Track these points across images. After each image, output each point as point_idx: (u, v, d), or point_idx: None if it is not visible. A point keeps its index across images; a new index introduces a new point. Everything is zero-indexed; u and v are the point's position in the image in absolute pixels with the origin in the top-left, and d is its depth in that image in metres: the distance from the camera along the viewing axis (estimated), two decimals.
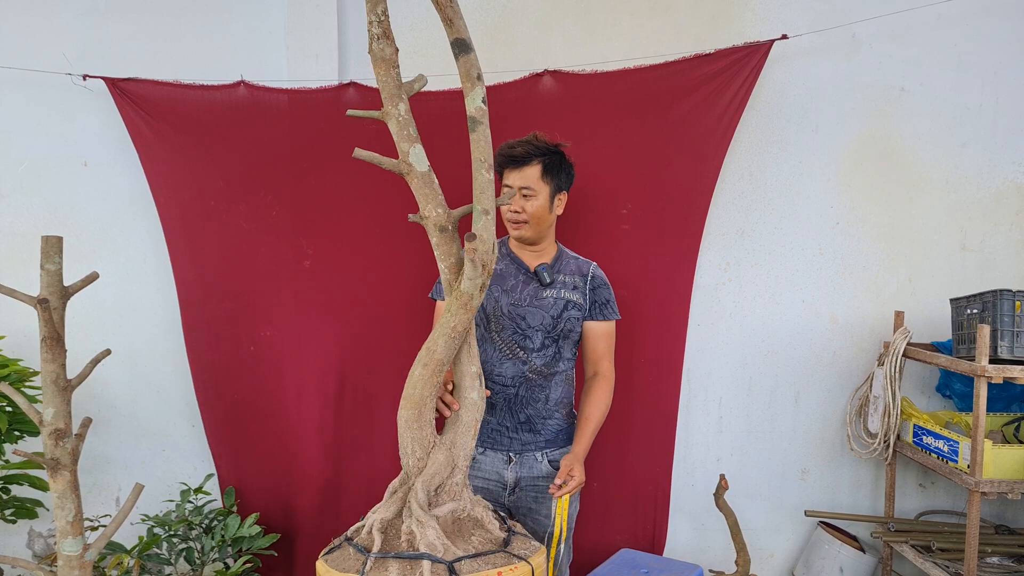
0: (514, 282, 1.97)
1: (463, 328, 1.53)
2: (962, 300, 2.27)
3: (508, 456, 1.94)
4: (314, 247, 2.51)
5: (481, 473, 1.94)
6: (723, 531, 2.53)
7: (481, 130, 1.53)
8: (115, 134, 2.53)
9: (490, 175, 1.56)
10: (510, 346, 1.93)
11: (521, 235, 1.95)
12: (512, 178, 1.92)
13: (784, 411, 2.64)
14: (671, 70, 2.40)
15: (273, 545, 2.43)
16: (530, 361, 1.93)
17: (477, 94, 1.53)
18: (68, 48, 2.51)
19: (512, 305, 1.94)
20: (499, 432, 1.95)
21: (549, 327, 1.94)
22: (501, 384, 1.93)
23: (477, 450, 1.95)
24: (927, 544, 2.33)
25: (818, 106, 2.53)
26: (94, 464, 2.66)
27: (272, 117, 2.46)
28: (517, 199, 1.92)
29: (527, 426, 1.95)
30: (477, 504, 1.58)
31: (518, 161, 1.90)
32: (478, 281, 1.48)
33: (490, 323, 1.94)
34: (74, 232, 2.58)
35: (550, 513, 1.95)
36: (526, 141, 1.93)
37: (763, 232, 2.58)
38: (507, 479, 1.94)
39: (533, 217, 1.92)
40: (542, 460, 1.96)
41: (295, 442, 2.56)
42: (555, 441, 1.98)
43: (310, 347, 2.53)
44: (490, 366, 1.94)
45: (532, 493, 1.95)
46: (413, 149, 1.54)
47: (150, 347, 2.65)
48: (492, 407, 1.94)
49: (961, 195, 2.55)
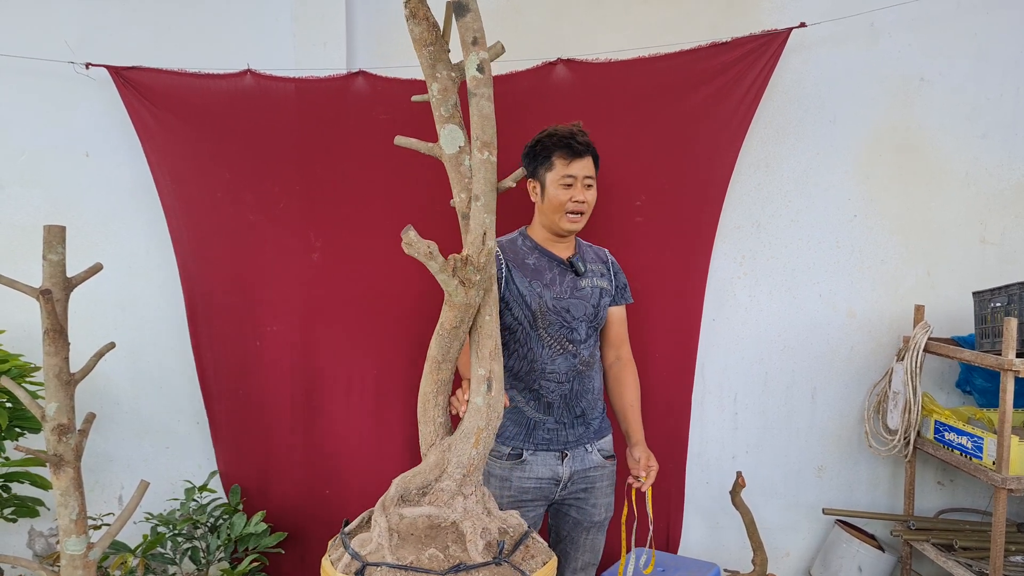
0: (551, 276, 1.91)
1: (451, 326, 1.40)
2: (986, 293, 2.22)
3: (562, 453, 1.90)
4: (322, 239, 2.46)
5: (532, 473, 1.88)
6: (738, 529, 2.48)
7: (477, 103, 1.38)
8: (118, 124, 2.47)
9: (488, 156, 1.42)
10: (559, 341, 1.88)
11: (577, 228, 1.90)
12: (576, 167, 1.85)
13: (800, 407, 2.59)
14: (686, 59, 2.35)
15: (281, 543, 2.38)
16: (579, 353, 1.89)
17: (472, 61, 1.37)
18: (70, 36, 2.46)
19: (555, 299, 1.88)
20: (555, 431, 1.89)
21: (591, 317, 1.91)
22: (556, 381, 1.88)
23: (528, 452, 1.89)
24: (949, 543, 2.28)
25: (836, 96, 2.48)
26: (96, 462, 2.61)
27: (279, 107, 2.41)
28: (580, 189, 1.86)
29: (581, 420, 1.92)
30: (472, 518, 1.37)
31: (583, 150, 1.85)
32: (446, 279, 1.33)
33: (537, 320, 1.87)
34: (75, 224, 2.52)
35: (597, 501, 1.94)
36: (581, 130, 1.88)
37: (779, 225, 2.54)
38: (561, 475, 1.89)
39: (590, 209, 1.90)
40: (592, 451, 1.93)
41: (302, 439, 2.51)
42: (600, 431, 1.97)
43: (318, 342, 2.48)
44: (542, 364, 1.87)
45: (582, 484, 1.92)
46: (443, 130, 1.46)
47: (153, 342, 2.59)
48: (549, 407, 1.88)
49: (981, 187, 2.51)
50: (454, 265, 1.31)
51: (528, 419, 1.89)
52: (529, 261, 1.92)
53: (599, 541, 1.99)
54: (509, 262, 1.90)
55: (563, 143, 1.85)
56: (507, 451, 1.89)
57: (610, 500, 1.98)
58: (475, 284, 1.35)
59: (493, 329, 1.44)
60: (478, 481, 1.43)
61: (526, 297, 1.86)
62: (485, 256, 1.35)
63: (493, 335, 1.43)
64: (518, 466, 1.87)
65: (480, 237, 1.37)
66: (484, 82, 1.35)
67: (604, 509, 1.96)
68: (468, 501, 1.38)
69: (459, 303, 1.36)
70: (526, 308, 1.87)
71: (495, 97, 2.37)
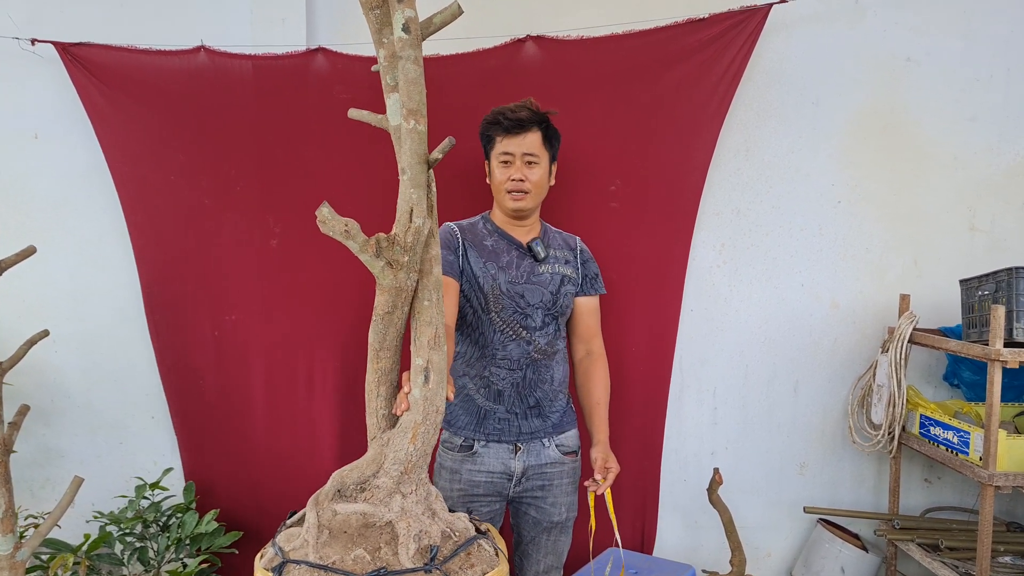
0: (508, 259, 1.83)
1: (384, 311, 1.29)
2: (973, 281, 2.12)
3: (515, 446, 1.80)
4: (281, 225, 2.34)
5: (484, 467, 1.79)
6: (717, 529, 2.38)
7: (403, 66, 1.23)
8: (68, 104, 2.35)
9: (415, 125, 1.26)
10: (512, 326, 1.78)
11: (522, 207, 1.81)
12: (512, 144, 1.78)
13: (782, 402, 2.49)
14: (662, 36, 2.25)
15: (238, 543, 2.27)
16: (534, 341, 1.80)
17: (398, 20, 1.23)
18: (15, 11, 2.34)
19: (510, 283, 1.80)
20: (507, 421, 1.80)
21: (549, 304, 1.81)
22: (507, 368, 1.79)
23: (479, 443, 1.79)
24: (935, 542, 2.19)
25: (819, 77, 2.38)
26: (47, 458, 2.49)
27: (235, 85, 2.29)
28: (519, 167, 1.78)
29: (536, 411, 1.82)
30: (409, 519, 1.25)
31: (521, 126, 1.77)
32: (369, 260, 1.22)
33: (489, 303, 1.78)
34: (24, 210, 2.41)
35: (556, 500, 1.84)
36: (523, 106, 1.80)
37: (760, 211, 2.43)
38: (514, 470, 1.80)
39: (536, 187, 1.80)
40: (549, 446, 1.83)
41: (262, 433, 2.40)
42: (560, 425, 1.87)
43: (277, 332, 2.37)
44: (494, 349, 1.78)
45: (538, 481, 1.82)
46: (389, 100, 1.34)
47: (108, 333, 2.47)
48: (499, 394, 1.79)
49: (970, 172, 2.41)
50: (376, 245, 1.20)
51: (479, 408, 1.80)
52: (487, 243, 1.84)
53: (562, 543, 1.90)
54: (467, 242, 1.83)
55: (499, 120, 1.77)
56: (459, 442, 1.80)
57: (572, 500, 1.88)
58: (403, 266, 1.24)
59: (433, 316, 1.31)
60: (420, 479, 1.31)
61: (479, 278, 1.77)
62: (412, 235, 1.23)
63: (433, 322, 1.31)
64: (469, 458, 1.78)
65: (407, 214, 1.25)
66: (410, 43, 1.23)
67: (565, 508, 1.86)
68: (407, 500, 1.26)
69: (388, 286, 1.25)
70: (478, 290, 1.78)
71: (460, 76, 2.29)
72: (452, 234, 1.85)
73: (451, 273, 1.77)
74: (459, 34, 2.31)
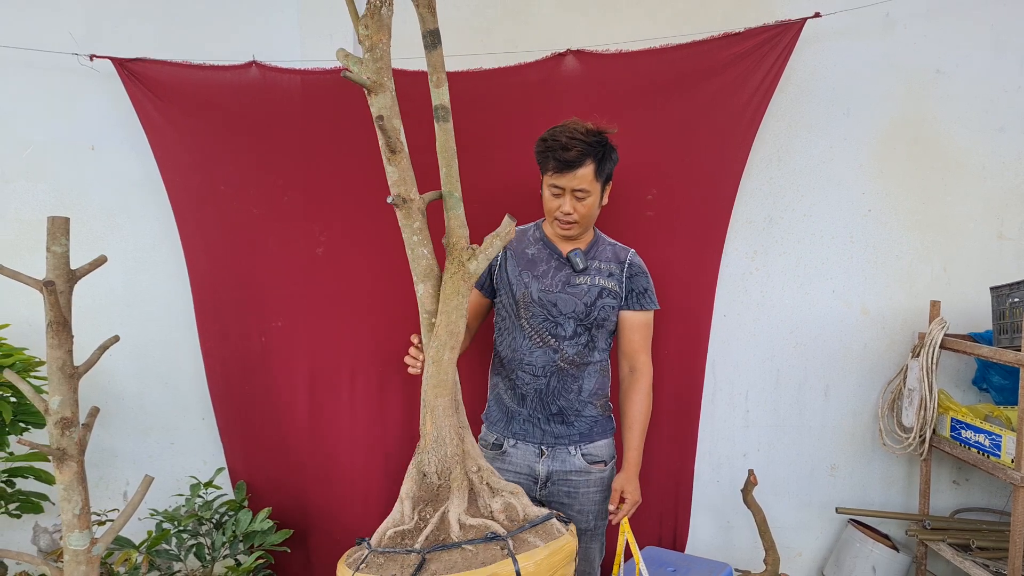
0: (545, 267, 1.89)
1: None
2: (1004, 288, 2.18)
3: (540, 449, 1.87)
4: (327, 234, 2.43)
5: (512, 466, 1.87)
6: (749, 528, 2.45)
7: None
8: (123, 117, 2.45)
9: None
10: (540, 334, 1.85)
11: (570, 235, 1.87)
12: (563, 180, 1.78)
13: (813, 405, 2.55)
14: (698, 50, 2.31)
15: (287, 541, 2.35)
16: (561, 350, 1.85)
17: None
18: (74, 27, 2.44)
19: (543, 291, 1.86)
20: (531, 423, 1.87)
21: (582, 315, 1.86)
22: (531, 374, 1.85)
23: (508, 442, 1.88)
24: (966, 542, 2.24)
25: (850, 89, 2.44)
26: (101, 458, 2.59)
27: (284, 99, 2.38)
28: (568, 200, 1.80)
29: (559, 418, 1.87)
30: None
31: (572, 164, 1.75)
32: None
33: (519, 310, 1.86)
34: (81, 218, 2.50)
35: (582, 508, 1.88)
36: (575, 139, 1.75)
37: (792, 219, 2.49)
38: (539, 472, 1.86)
39: (585, 218, 1.84)
40: (575, 454, 1.88)
41: (307, 436, 2.48)
42: (589, 435, 1.90)
43: (322, 338, 2.45)
44: (520, 354, 1.86)
45: (564, 488, 1.87)
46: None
47: (159, 337, 2.57)
48: (523, 398, 1.86)
49: (998, 181, 2.46)
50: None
51: (507, 407, 1.89)
52: (530, 251, 1.91)
53: (592, 550, 1.93)
54: (509, 250, 1.91)
55: (551, 155, 1.76)
56: (492, 439, 1.90)
57: (601, 509, 1.91)
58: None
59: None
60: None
61: (513, 285, 1.86)
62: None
63: None
64: (499, 457, 1.88)
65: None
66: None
67: (593, 517, 1.89)
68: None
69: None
70: (511, 296, 1.87)
71: (501, 89, 2.36)
72: None
73: None
74: (500, 48, 2.40)
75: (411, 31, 2.42)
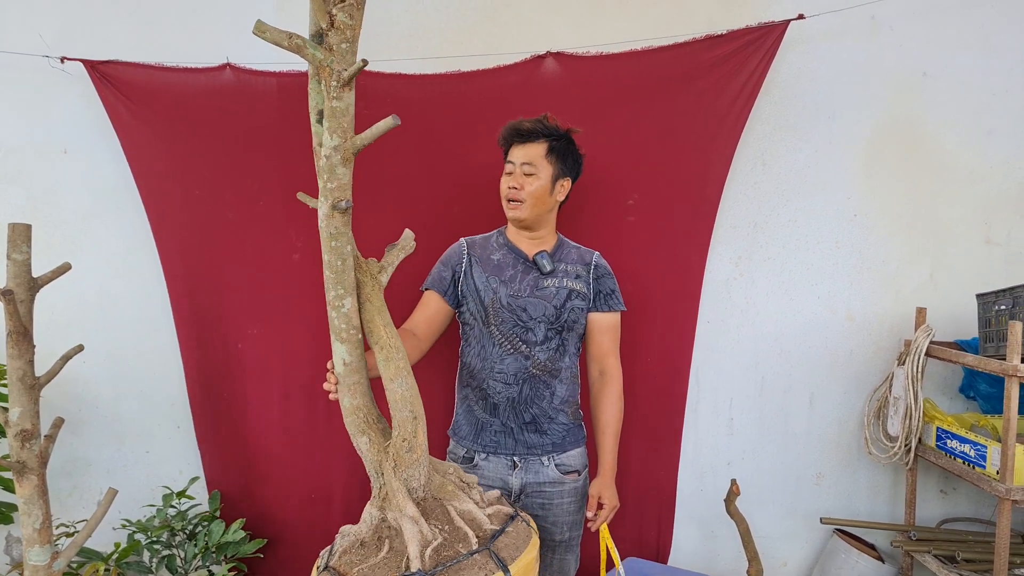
0: (512, 272, 1.85)
1: None
2: (990, 295, 2.14)
3: (512, 461, 1.83)
4: (303, 239, 2.38)
5: (484, 480, 1.82)
6: (733, 538, 2.41)
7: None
8: (96, 120, 2.40)
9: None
10: (511, 340, 1.81)
11: (517, 215, 1.84)
12: (515, 154, 1.84)
13: (798, 413, 2.51)
14: (680, 52, 2.27)
15: (263, 548, 2.31)
16: (533, 356, 1.81)
17: None
18: (45, 29, 2.39)
19: (511, 296, 1.82)
20: (503, 434, 1.83)
21: (552, 318, 1.83)
22: (503, 382, 1.81)
23: (479, 456, 1.83)
24: (951, 554, 2.21)
25: (835, 91, 2.40)
26: (75, 467, 2.54)
27: (260, 101, 2.33)
28: (517, 175, 1.82)
29: (532, 427, 1.83)
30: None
31: (524, 136, 1.83)
32: None
33: (489, 316, 1.81)
34: (52, 223, 2.45)
35: (556, 519, 1.85)
36: (535, 119, 1.85)
37: (777, 225, 2.45)
38: (512, 485, 1.82)
39: (531, 196, 1.82)
40: (548, 464, 1.84)
41: (281, 445, 2.44)
42: (562, 444, 1.87)
43: (298, 346, 2.41)
44: (490, 363, 1.82)
45: (538, 500, 1.84)
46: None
47: (134, 345, 2.52)
48: (495, 407, 1.82)
49: (986, 185, 2.42)
50: None
51: (477, 419, 1.84)
52: (495, 257, 1.88)
53: (568, 562, 1.89)
54: (474, 256, 1.88)
55: (509, 129, 1.85)
56: (461, 453, 1.85)
57: (575, 519, 1.88)
58: None
59: None
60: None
61: (480, 292, 1.82)
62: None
63: None
64: (470, 470, 1.82)
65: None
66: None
67: (568, 528, 1.86)
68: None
69: None
70: (479, 303, 1.82)
71: (480, 92, 2.32)
72: (459, 250, 1.91)
73: (437, 287, 1.86)
74: (479, 50, 2.35)
75: (389, 31, 2.39)
